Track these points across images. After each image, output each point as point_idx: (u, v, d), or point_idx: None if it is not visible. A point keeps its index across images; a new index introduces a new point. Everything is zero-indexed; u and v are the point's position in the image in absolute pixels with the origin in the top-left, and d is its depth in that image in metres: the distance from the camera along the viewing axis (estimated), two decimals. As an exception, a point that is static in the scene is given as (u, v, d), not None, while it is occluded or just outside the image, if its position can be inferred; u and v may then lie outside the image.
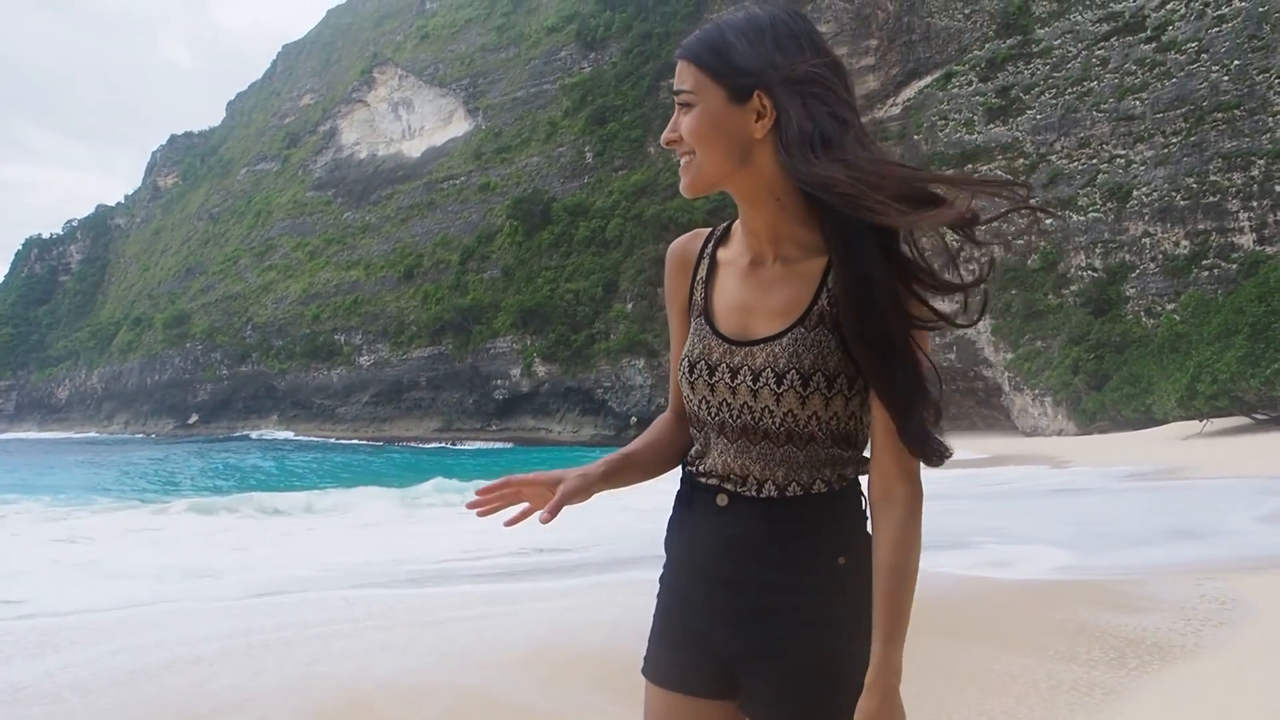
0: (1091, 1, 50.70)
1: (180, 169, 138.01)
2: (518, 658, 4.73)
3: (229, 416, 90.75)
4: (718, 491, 1.38)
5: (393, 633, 5.34)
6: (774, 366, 1.30)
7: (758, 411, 1.32)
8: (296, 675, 4.48)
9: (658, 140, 60.92)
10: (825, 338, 1.31)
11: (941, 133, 53.38)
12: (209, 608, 6.45)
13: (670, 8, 73.29)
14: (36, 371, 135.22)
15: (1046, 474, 19.87)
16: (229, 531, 12.83)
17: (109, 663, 4.78)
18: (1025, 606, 5.67)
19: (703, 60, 1.30)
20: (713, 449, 1.38)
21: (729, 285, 1.40)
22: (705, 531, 1.39)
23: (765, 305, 1.35)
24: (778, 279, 1.36)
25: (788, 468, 1.33)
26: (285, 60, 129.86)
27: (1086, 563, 7.29)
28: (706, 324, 1.39)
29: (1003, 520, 10.83)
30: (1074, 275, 44.98)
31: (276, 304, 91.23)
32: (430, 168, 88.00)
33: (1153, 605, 5.37)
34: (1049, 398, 42.15)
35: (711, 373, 1.35)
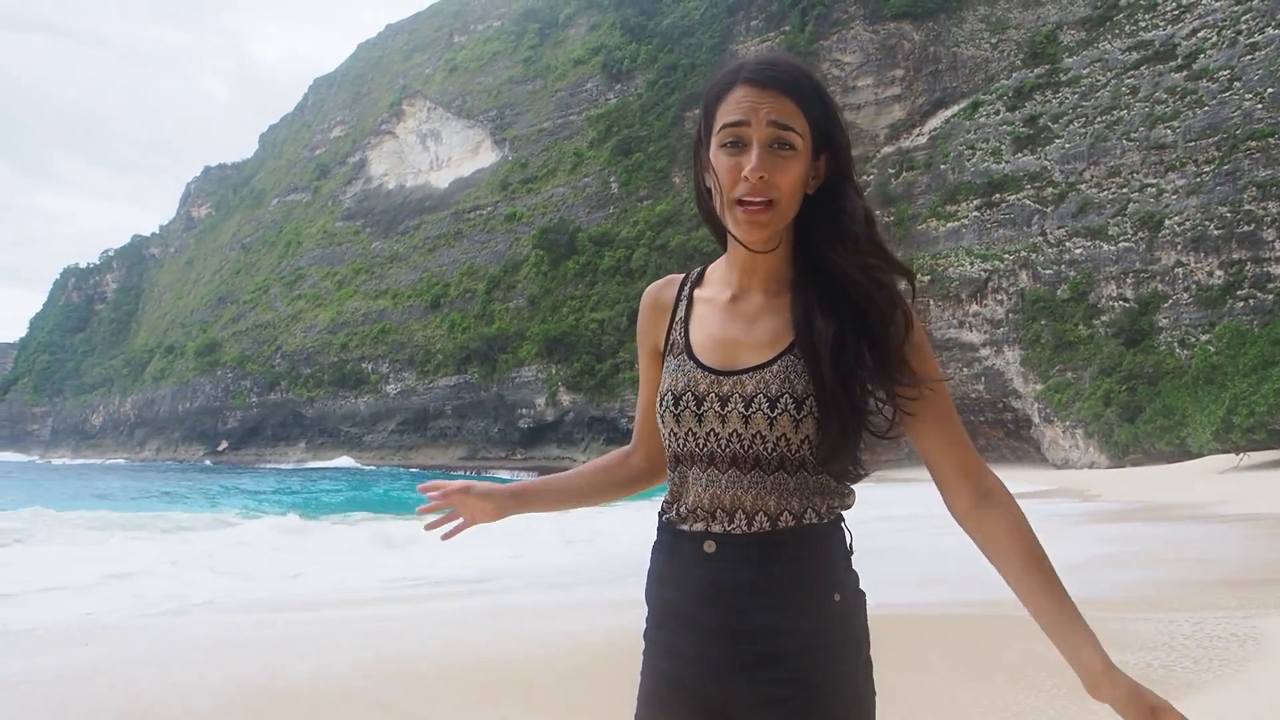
0: (1120, 30, 50.44)
1: (213, 200, 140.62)
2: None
3: (257, 444, 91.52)
4: (704, 538, 1.33)
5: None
6: (765, 392, 1.29)
7: (749, 439, 1.30)
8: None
9: (683, 170, 61.27)
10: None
11: (969, 162, 53.11)
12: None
13: (695, 40, 73.87)
14: (72, 398, 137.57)
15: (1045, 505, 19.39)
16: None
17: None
18: (994, 639, 5.48)
19: (809, 105, 1.27)
20: (695, 486, 1.34)
21: (709, 322, 1.38)
22: (692, 580, 1.33)
23: (751, 337, 1.33)
24: (761, 312, 1.35)
25: (779, 495, 1.30)
26: (316, 93, 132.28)
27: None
28: (689, 358, 1.36)
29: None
30: (1105, 305, 44.32)
31: (305, 332, 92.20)
32: (457, 198, 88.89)
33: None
34: (1080, 430, 41.40)
35: (699, 403, 1.32)
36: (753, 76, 1.26)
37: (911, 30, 60.00)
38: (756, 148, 1.25)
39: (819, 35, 63.40)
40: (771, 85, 1.26)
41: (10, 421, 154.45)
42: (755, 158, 1.24)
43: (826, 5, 64.26)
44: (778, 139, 1.25)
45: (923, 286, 51.68)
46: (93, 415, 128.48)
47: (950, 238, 52.22)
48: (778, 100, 1.25)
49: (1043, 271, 47.32)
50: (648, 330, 1.48)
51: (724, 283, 1.39)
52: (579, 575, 9.08)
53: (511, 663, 5.27)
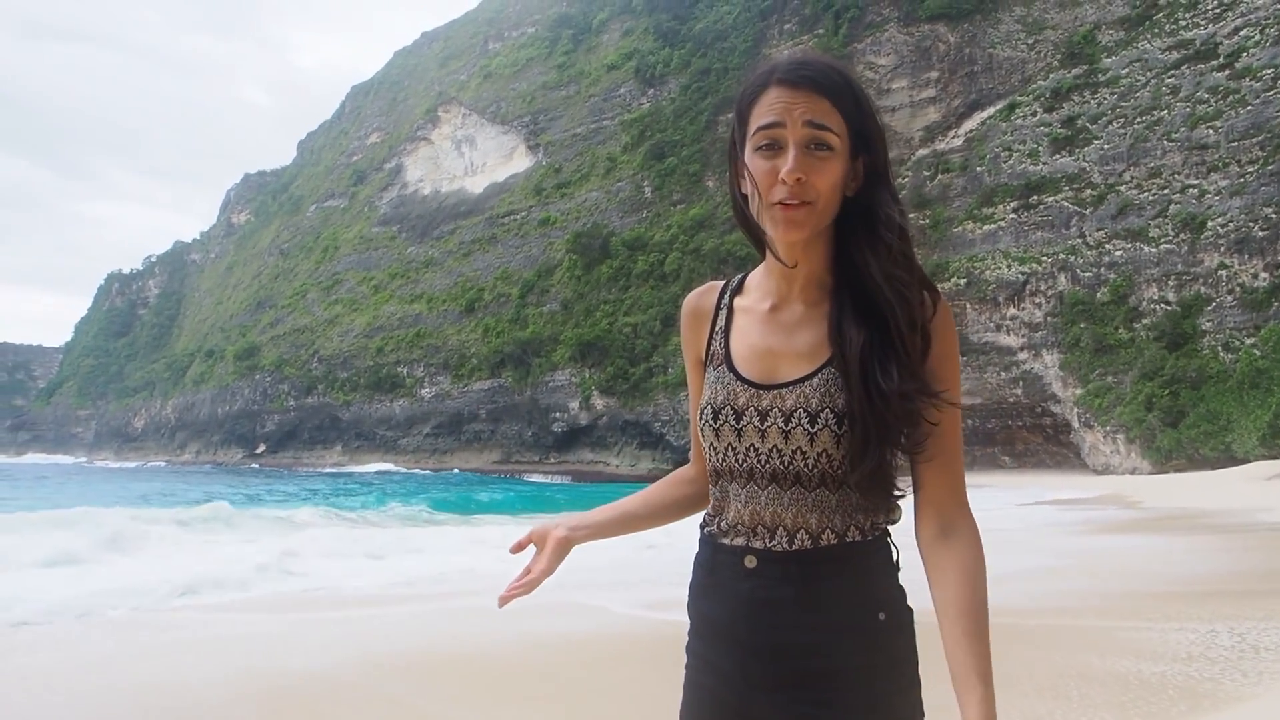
0: (1160, 30, 49.71)
1: (253, 206, 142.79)
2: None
3: (295, 447, 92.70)
4: (745, 553, 1.30)
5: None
6: (806, 407, 1.26)
7: (789, 454, 1.27)
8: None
9: (716, 174, 61.52)
10: None
11: (1005, 164, 52.59)
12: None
13: (728, 44, 73.87)
14: (115, 401, 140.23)
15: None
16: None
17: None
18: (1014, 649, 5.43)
19: (844, 104, 1.24)
20: (735, 501, 1.31)
21: (749, 331, 1.35)
22: (733, 596, 1.31)
23: (791, 348, 1.31)
24: (801, 321, 1.32)
25: (820, 513, 1.27)
26: (353, 101, 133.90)
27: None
28: (729, 370, 1.34)
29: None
30: (1146, 308, 43.65)
31: (342, 337, 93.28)
32: (492, 203, 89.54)
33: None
34: (1121, 435, 40.79)
35: (739, 417, 1.29)
36: (786, 77, 1.24)
37: (946, 32, 59.55)
38: (793, 149, 1.22)
39: (853, 38, 63.13)
40: (805, 85, 1.23)
41: (55, 424, 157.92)
42: (792, 159, 1.22)
43: (860, 8, 63.99)
44: (814, 140, 1.22)
45: (959, 290, 51.23)
46: (135, 418, 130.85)
47: (987, 240, 51.71)
48: (812, 100, 1.22)
49: (1082, 274, 46.71)
50: (689, 340, 1.46)
51: (764, 291, 1.37)
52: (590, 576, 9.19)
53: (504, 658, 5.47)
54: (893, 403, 1.22)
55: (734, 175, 1.34)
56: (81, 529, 12.02)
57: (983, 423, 50.17)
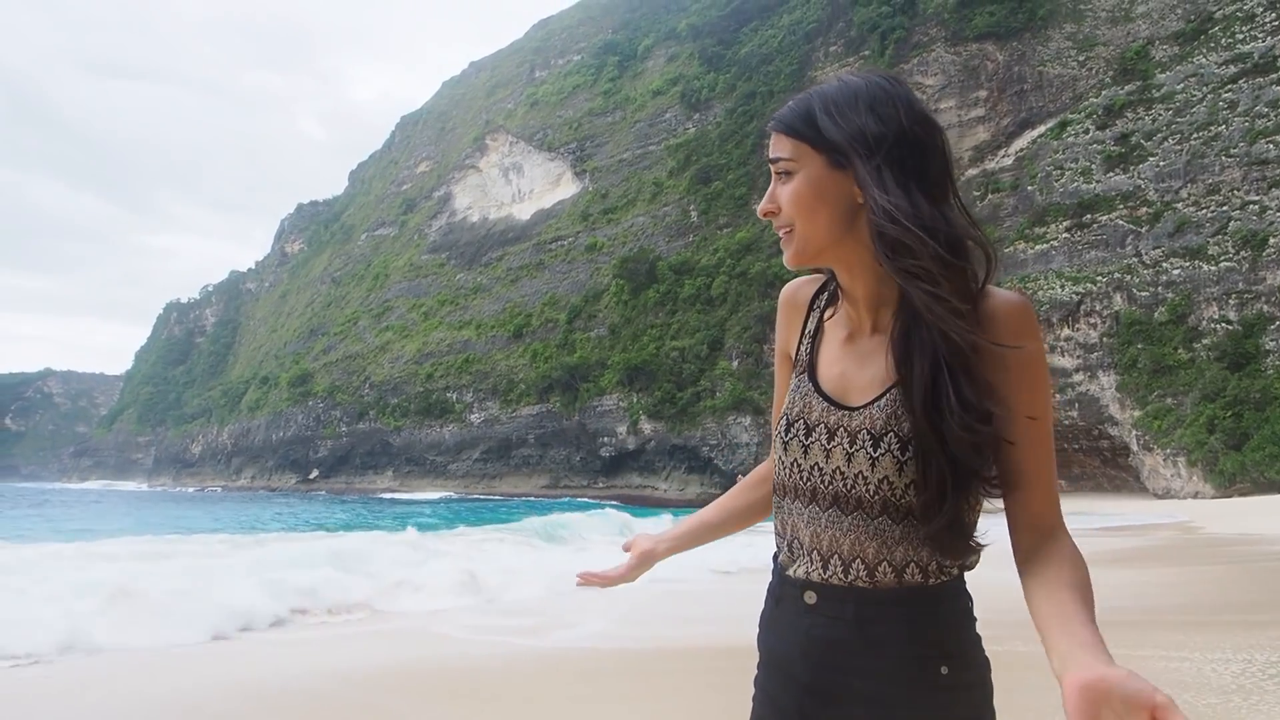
0: (1216, 44, 48.82)
1: (306, 235, 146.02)
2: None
3: (347, 472, 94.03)
4: (805, 587, 1.26)
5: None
6: (870, 429, 1.21)
7: (851, 478, 1.22)
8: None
9: (761, 197, 62.20)
10: None
11: (1057, 182, 51.88)
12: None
13: (773, 68, 74.09)
14: (173, 428, 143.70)
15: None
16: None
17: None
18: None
19: (797, 129, 1.24)
20: (797, 520, 1.28)
21: (830, 348, 1.33)
22: (792, 631, 1.29)
23: (861, 377, 1.27)
24: (874, 351, 1.27)
25: (880, 543, 1.21)
26: (403, 131, 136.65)
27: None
28: (809, 381, 1.31)
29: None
30: (1206, 328, 42.59)
31: (393, 363, 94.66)
32: (539, 229, 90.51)
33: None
34: (1182, 458, 39.73)
35: (809, 432, 1.27)
36: (773, 124, 1.29)
37: (995, 50, 59.10)
38: (774, 186, 1.28)
39: (899, 59, 62.94)
40: (772, 128, 1.28)
41: (117, 450, 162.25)
42: (771, 192, 1.28)
43: (906, 29, 63.83)
44: (778, 171, 1.27)
45: (1011, 310, 50.44)
46: (192, 444, 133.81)
47: (1039, 260, 50.95)
48: (776, 140, 1.27)
49: (1138, 294, 45.78)
50: (784, 329, 1.44)
51: (845, 317, 1.33)
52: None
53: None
54: (954, 428, 1.13)
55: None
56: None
57: (1038, 446, 49.20)
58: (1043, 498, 1.19)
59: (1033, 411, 1.17)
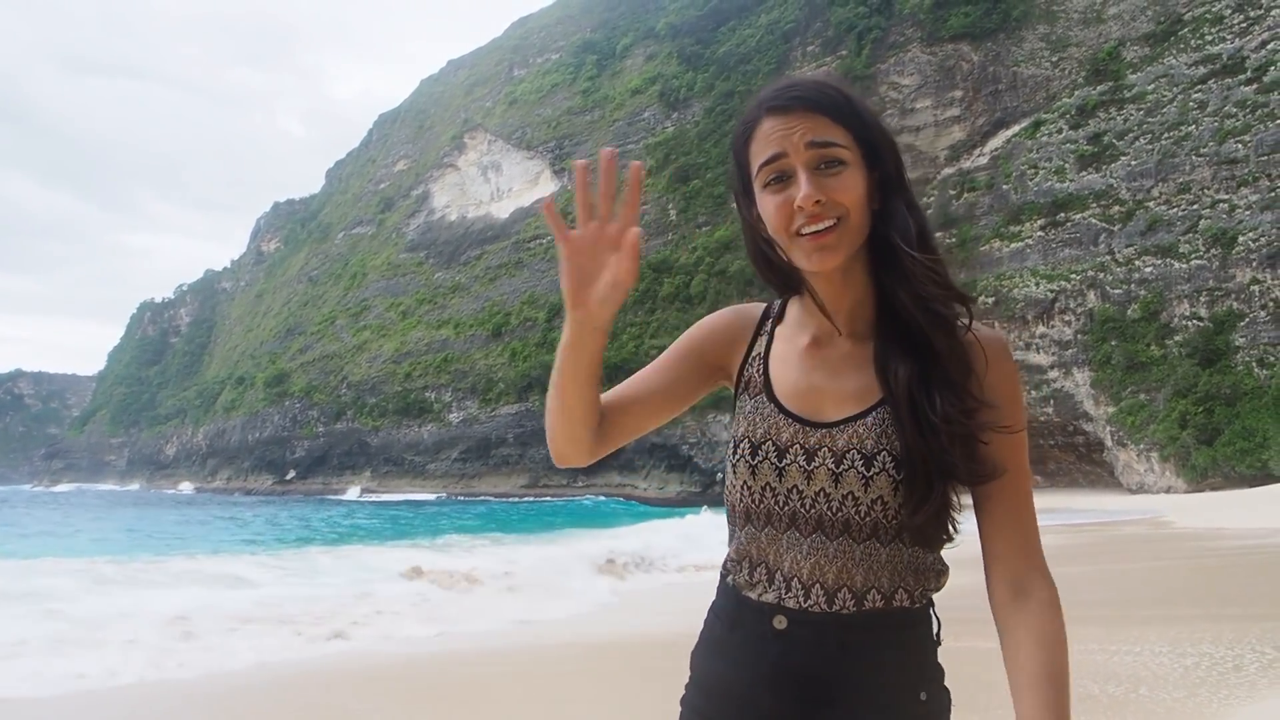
0: (1186, 45, 49.51)
1: (282, 234, 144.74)
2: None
3: (324, 473, 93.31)
4: (774, 612, 1.16)
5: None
6: (860, 448, 1.14)
7: (838, 500, 1.14)
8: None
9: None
10: None
11: (1031, 181, 52.42)
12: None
13: (751, 67, 74.35)
14: (147, 429, 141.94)
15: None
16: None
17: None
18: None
19: (845, 117, 1.14)
20: (769, 548, 1.17)
21: (791, 364, 1.23)
22: (756, 660, 1.17)
23: (837, 388, 1.19)
24: (847, 358, 1.21)
25: (868, 569, 1.14)
26: (381, 129, 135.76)
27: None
28: (770, 402, 1.21)
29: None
30: (1178, 325, 43.22)
31: (370, 362, 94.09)
32: (518, 228, 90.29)
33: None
34: (1155, 453, 40.31)
35: (781, 455, 1.17)
36: (776, 104, 1.15)
37: (970, 51, 59.62)
38: (803, 173, 1.12)
39: (876, 59, 63.34)
40: (798, 106, 1.13)
41: (89, 452, 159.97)
42: (805, 183, 1.11)
43: (883, 29, 64.25)
44: (822, 159, 1.12)
45: (987, 308, 50.93)
46: (166, 445, 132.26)
47: (1014, 258, 51.48)
48: (810, 119, 1.13)
49: (1111, 291, 46.36)
50: (719, 342, 1.31)
51: (802, 325, 1.25)
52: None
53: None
54: (942, 432, 1.11)
55: (749, 225, 1.24)
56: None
57: (1014, 442, 49.70)
58: (1025, 531, 1.18)
59: (1015, 424, 1.15)
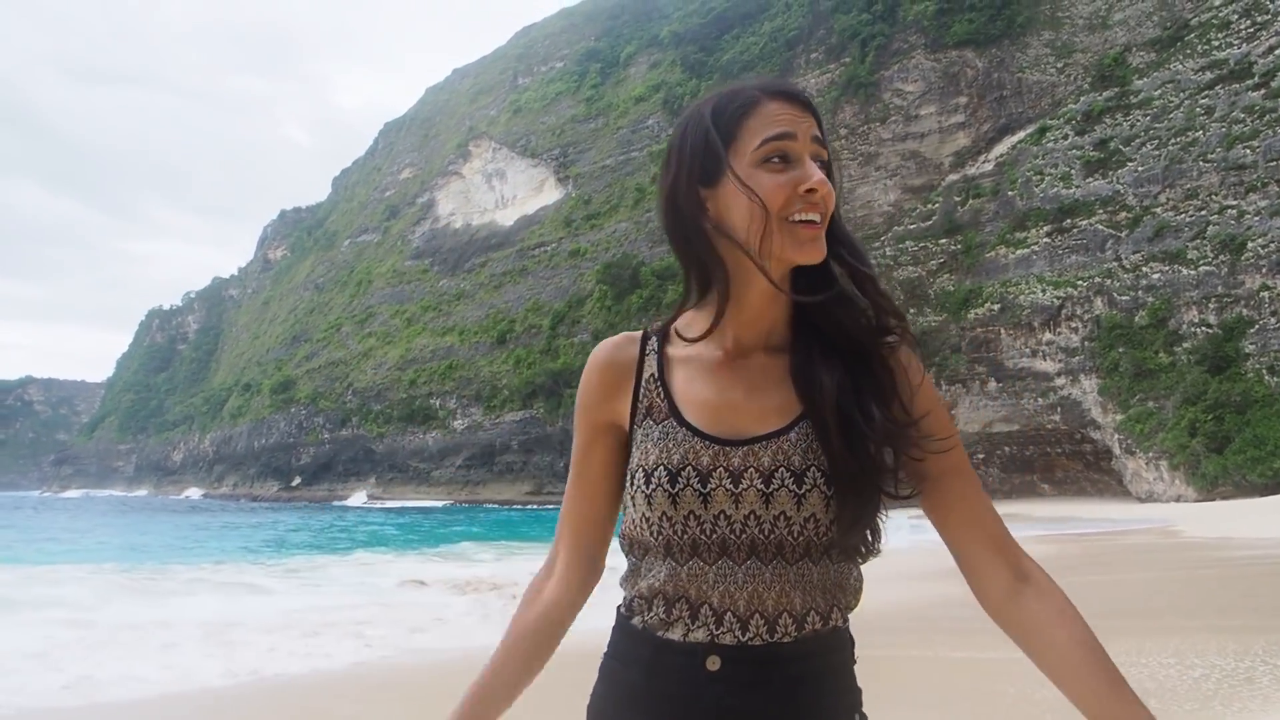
0: (1192, 50, 49.24)
1: (289, 242, 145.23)
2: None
3: (330, 479, 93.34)
4: (707, 653, 1.08)
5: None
6: (788, 465, 1.08)
7: (769, 521, 1.08)
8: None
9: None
10: None
11: (1037, 188, 52.14)
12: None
13: (755, 74, 74.23)
14: (154, 435, 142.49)
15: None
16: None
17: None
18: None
19: (822, 127, 1.14)
20: (695, 583, 1.09)
21: (698, 383, 1.15)
22: (687, 710, 1.08)
23: (756, 403, 1.13)
24: (765, 371, 1.15)
25: (804, 591, 1.09)
26: (386, 137, 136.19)
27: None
28: (679, 424, 1.13)
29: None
30: (1186, 332, 42.84)
31: (375, 369, 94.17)
32: (522, 235, 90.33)
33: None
34: (1165, 461, 39.90)
35: (704, 479, 1.08)
36: (783, 90, 1.13)
37: (974, 57, 59.43)
38: (810, 162, 1.10)
39: (880, 66, 63.19)
40: (800, 101, 1.12)
41: (98, 458, 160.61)
42: (816, 170, 1.09)
43: (887, 35, 64.10)
44: (817, 156, 1.11)
45: (992, 315, 50.69)
46: (174, 452, 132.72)
47: (1020, 265, 51.19)
48: (809, 118, 1.12)
49: (1119, 297, 46.03)
50: (600, 401, 1.22)
51: (708, 338, 1.17)
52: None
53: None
54: (871, 444, 1.08)
55: (697, 206, 1.14)
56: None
57: (1020, 450, 49.35)
58: (999, 523, 1.15)
59: (948, 432, 1.13)
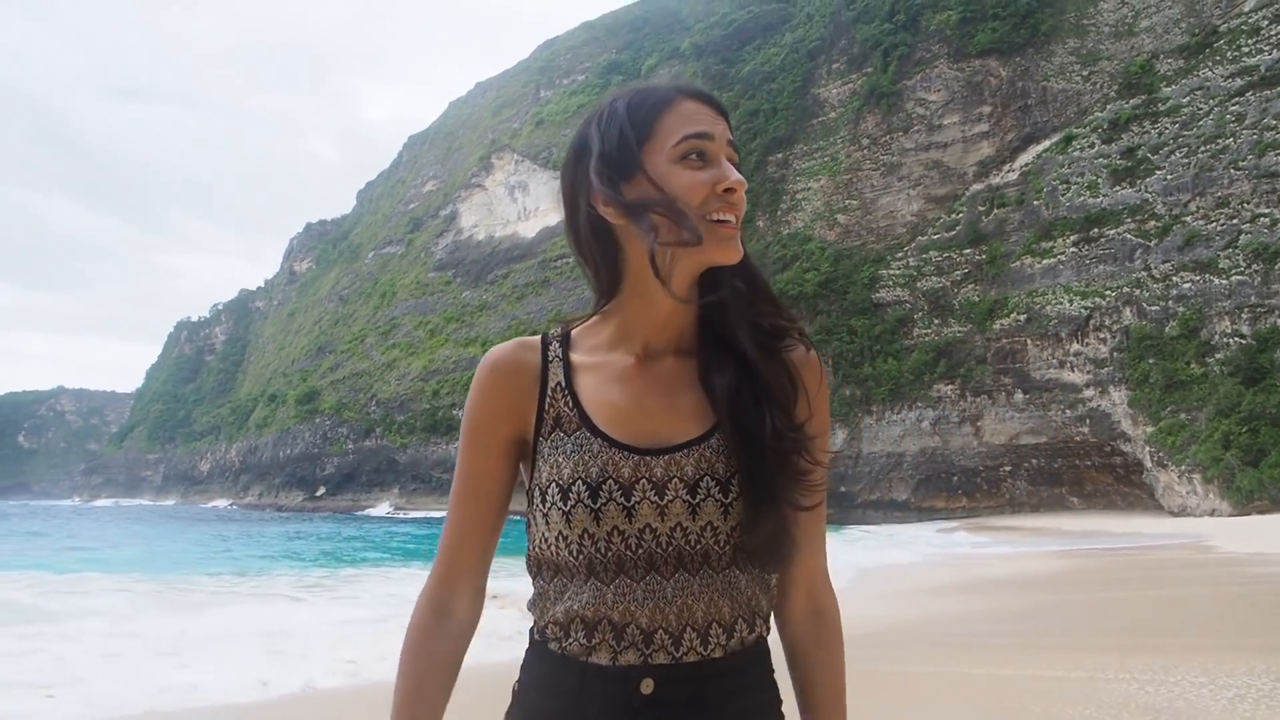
0: (1222, 57, 48.54)
1: (314, 254, 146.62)
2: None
3: (353, 489, 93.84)
4: (641, 675, 1.03)
5: None
6: (712, 473, 1.05)
7: (695, 532, 1.04)
8: None
9: (766, 214, 60.80)
10: None
11: (1063, 197, 51.54)
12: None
13: (776, 85, 74.06)
14: (182, 445, 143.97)
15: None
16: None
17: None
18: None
19: (732, 127, 1.14)
20: (622, 603, 1.04)
21: (608, 389, 1.11)
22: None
23: (674, 406, 1.10)
24: (677, 375, 1.12)
25: (732, 599, 1.06)
26: (410, 150, 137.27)
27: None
28: (593, 435, 1.08)
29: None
30: (1219, 342, 42.08)
31: (399, 380, 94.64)
32: (544, 247, 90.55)
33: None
34: (1198, 474, 39.14)
35: (628, 493, 1.04)
36: (697, 93, 1.11)
37: (998, 66, 58.91)
38: (726, 163, 1.09)
39: (902, 75, 62.81)
40: (716, 103, 1.11)
41: (126, 468, 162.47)
42: (733, 171, 1.08)
43: (909, 45, 63.72)
44: (731, 160, 1.11)
45: (1019, 325, 50.10)
46: (201, 461, 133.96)
47: (1046, 275, 50.57)
48: (723, 121, 1.11)
49: (1148, 308, 45.33)
50: (504, 410, 1.12)
51: (616, 343, 1.14)
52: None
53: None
54: (773, 453, 1.07)
55: (591, 195, 1.14)
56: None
57: (1048, 463, 48.67)
58: (823, 548, 1.19)
59: (827, 446, 1.15)
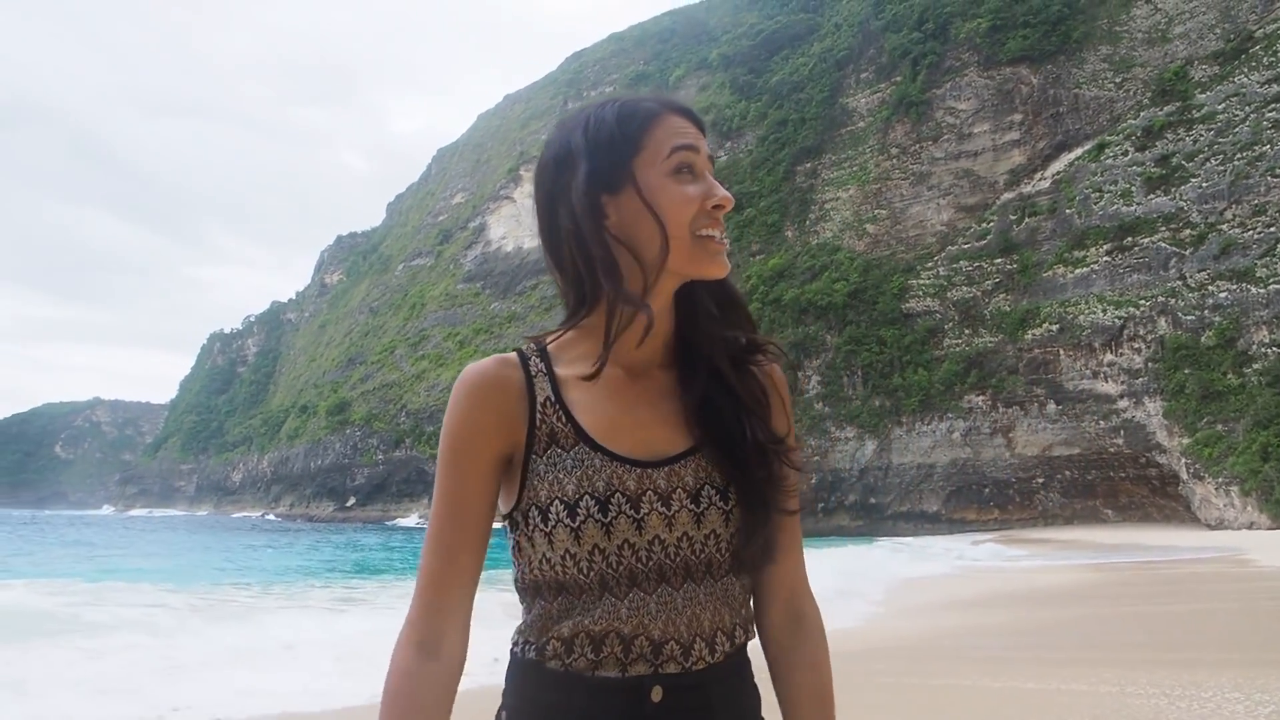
0: (1258, 63, 47.90)
1: (345, 266, 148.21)
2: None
3: (383, 500, 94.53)
4: (651, 684, 1.03)
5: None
6: (711, 481, 1.08)
7: (700, 541, 1.06)
8: None
9: (795, 225, 60.61)
10: None
11: (1096, 205, 51.02)
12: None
13: (805, 95, 74.01)
14: (215, 456, 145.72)
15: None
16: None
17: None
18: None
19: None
20: (636, 616, 1.03)
21: (600, 403, 1.10)
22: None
23: (664, 418, 1.11)
24: (666, 389, 1.13)
25: (730, 606, 1.09)
26: (439, 163, 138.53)
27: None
28: (594, 450, 1.07)
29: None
30: (1256, 352, 41.40)
31: (429, 391, 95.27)
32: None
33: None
34: (1235, 486, 38.49)
35: (635, 505, 1.04)
36: (681, 108, 1.12)
37: (1029, 74, 58.50)
38: (711, 179, 1.10)
39: (931, 84, 62.54)
40: (697, 119, 1.12)
41: (161, 478, 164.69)
42: (721, 187, 1.09)
43: (939, 54, 63.46)
44: (711, 173, 1.13)
45: (1051, 335, 49.60)
46: (233, 472, 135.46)
47: (1079, 284, 50.03)
48: (703, 138, 1.12)
49: (1183, 317, 44.70)
50: (492, 429, 1.09)
51: (599, 356, 1.11)
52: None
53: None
54: (757, 461, 1.10)
55: (595, 206, 1.10)
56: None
57: (1081, 474, 48.08)
58: (801, 555, 1.19)
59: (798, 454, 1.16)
